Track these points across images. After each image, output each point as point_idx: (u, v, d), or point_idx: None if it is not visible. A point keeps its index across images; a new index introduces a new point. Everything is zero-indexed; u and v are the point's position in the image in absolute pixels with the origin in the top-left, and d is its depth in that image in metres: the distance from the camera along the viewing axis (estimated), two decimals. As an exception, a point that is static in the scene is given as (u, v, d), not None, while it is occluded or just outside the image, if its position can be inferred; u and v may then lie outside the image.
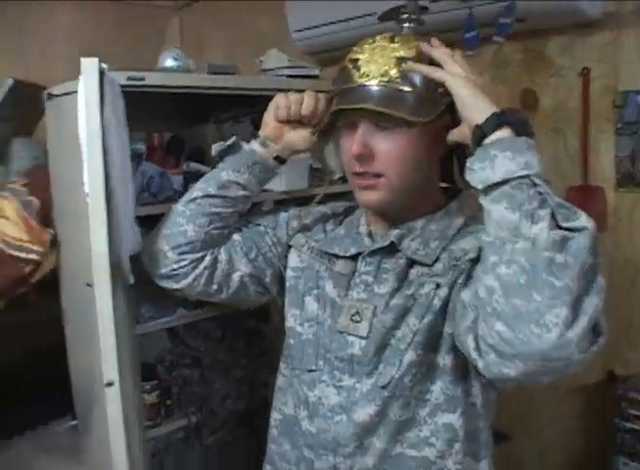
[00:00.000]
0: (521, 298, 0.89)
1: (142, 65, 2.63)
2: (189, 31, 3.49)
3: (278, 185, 2.05)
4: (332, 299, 1.21)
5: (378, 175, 1.12)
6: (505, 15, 1.93)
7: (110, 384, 1.46)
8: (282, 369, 1.33)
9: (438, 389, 1.13)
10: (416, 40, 1.14)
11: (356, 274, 1.21)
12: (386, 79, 1.08)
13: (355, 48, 1.16)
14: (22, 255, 1.73)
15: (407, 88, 1.08)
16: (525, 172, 0.93)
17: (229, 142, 1.33)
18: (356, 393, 1.15)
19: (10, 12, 2.94)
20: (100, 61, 1.49)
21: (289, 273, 1.34)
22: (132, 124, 2.42)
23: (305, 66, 2.46)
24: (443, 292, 1.10)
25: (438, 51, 1.09)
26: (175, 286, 1.38)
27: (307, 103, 1.29)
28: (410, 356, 1.11)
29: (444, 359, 1.12)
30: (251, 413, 2.16)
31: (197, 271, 1.34)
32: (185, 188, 2.42)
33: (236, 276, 1.36)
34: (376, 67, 1.09)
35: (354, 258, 1.22)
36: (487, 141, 0.97)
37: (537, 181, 0.93)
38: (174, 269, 1.34)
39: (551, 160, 2.20)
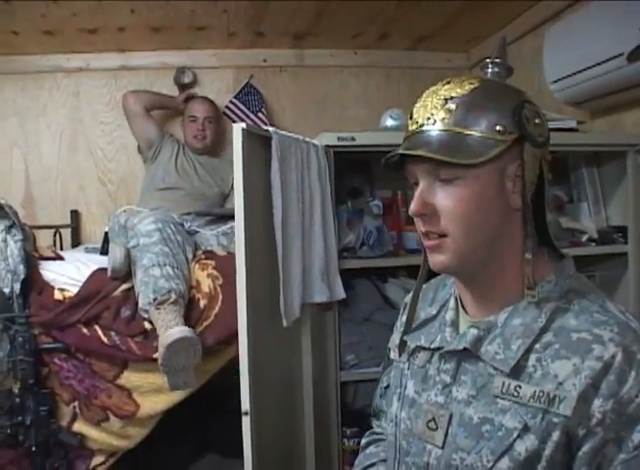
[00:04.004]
0: None
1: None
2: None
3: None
4: (411, 398, 1.09)
5: (443, 235, 0.96)
6: None
7: (246, 413, 1.57)
8: None
9: None
10: (478, 80, 0.98)
11: (432, 369, 1.06)
12: (432, 122, 0.95)
13: (417, 98, 1.03)
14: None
15: (455, 129, 0.94)
16: None
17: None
18: None
19: (312, 83, 3.41)
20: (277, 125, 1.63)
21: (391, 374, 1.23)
22: (380, 183, 2.60)
23: (559, 118, 2.32)
24: (531, 442, 0.88)
25: None
26: None
27: None
28: None
29: None
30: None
31: None
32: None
33: None
34: (424, 111, 0.97)
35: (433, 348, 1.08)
36: None
37: None
38: None
39: None
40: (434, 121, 0.95)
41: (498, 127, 0.93)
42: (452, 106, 0.95)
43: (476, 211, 0.94)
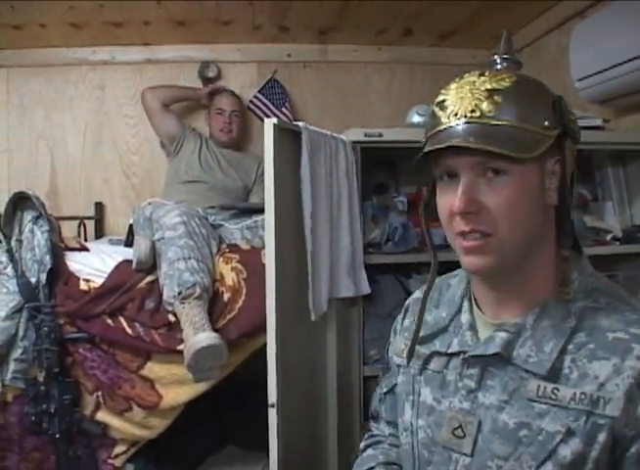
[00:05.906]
0: None
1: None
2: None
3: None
4: (429, 405, 1.05)
5: (487, 234, 0.92)
6: None
7: (272, 406, 1.58)
8: None
9: None
10: (510, 74, 0.95)
11: (451, 374, 1.03)
12: (477, 114, 0.90)
13: (442, 91, 0.98)
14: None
15: (505, 122, 0.90)
16: None
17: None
18: None
19: (335, 79, 3.41)
20: (301, 121, 1.63)
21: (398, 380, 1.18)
22: (405, 179, 2.60)
23: (585, 116, 2.31)
24: (575, 445, 0.86)
25: None
26: None
27: None
28: None
29: None
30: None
31: None
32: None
33: None
34: (465, 103, 0.92)
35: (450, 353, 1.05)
36: None
37: None
38: None
39: None
40: (480, 114, 0.91)
41: (546, 123, 0.91)
42: (498, 98, 0.91)
43: (521, 209, 0.92)
